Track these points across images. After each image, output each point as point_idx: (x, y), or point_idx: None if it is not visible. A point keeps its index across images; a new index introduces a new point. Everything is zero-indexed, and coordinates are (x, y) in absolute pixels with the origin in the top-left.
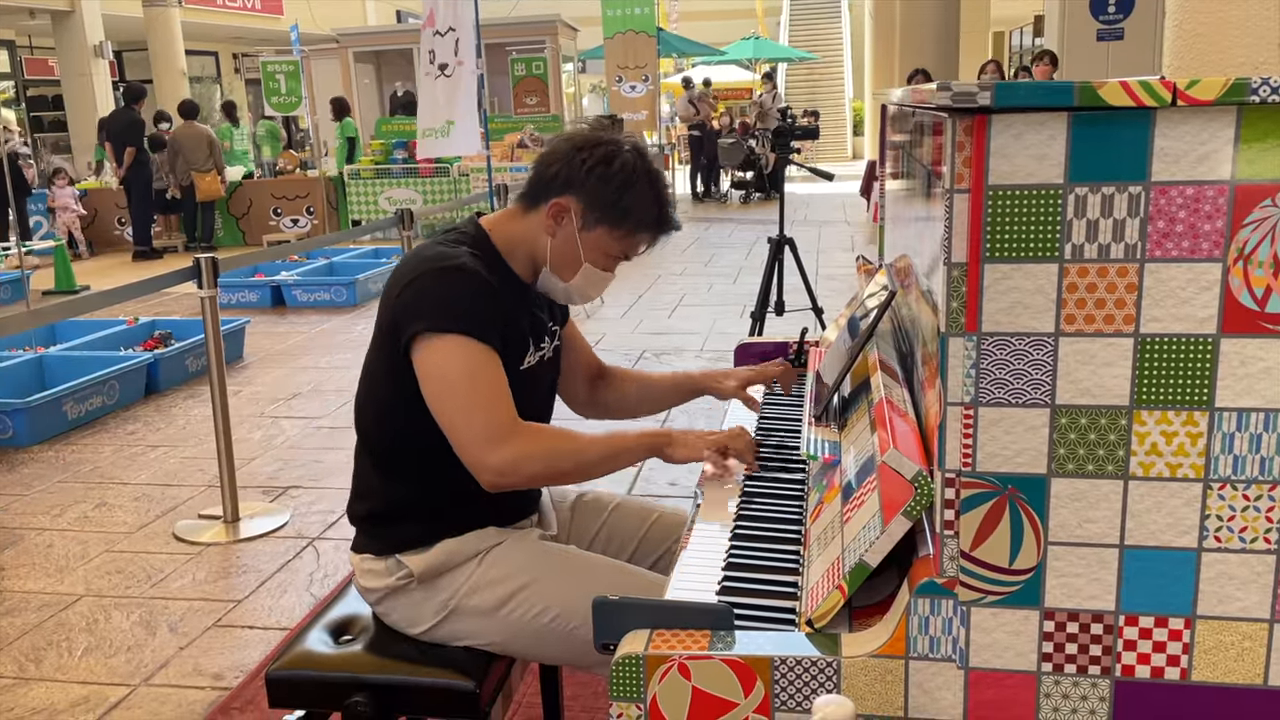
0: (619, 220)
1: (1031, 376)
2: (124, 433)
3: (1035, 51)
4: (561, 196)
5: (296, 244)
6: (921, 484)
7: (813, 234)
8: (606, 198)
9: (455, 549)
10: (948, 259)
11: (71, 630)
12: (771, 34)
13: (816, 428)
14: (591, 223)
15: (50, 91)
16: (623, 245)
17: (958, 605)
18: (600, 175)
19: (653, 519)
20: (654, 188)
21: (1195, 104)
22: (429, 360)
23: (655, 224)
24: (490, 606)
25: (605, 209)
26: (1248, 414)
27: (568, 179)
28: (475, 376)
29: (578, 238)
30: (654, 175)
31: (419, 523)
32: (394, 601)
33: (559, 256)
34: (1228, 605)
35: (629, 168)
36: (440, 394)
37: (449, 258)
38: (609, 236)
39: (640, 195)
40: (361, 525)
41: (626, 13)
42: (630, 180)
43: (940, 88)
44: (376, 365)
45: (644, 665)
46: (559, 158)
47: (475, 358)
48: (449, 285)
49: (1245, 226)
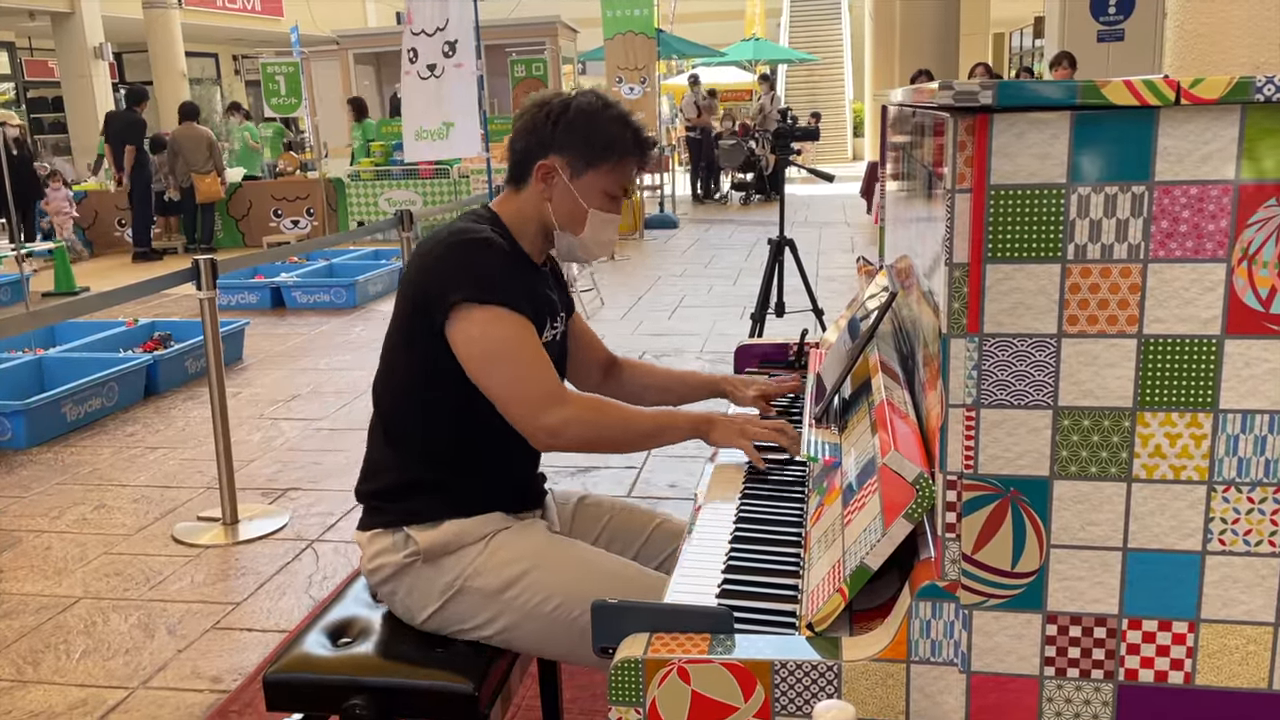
0: (601, 155)
1: (1034, 378)
2: (123, 434)
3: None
4: (543, 159)
5: (296, 245)
6: (923, 486)
7: (813, 235)
8: (580, 140)
9: (462, 530)
10: (949, 259)
11: (70, 633)
12: (772, 35)
13: (817, 429)
14: (580, 168)
15: (50, 93)
16: (616, 177)
17: (959, 609)
18: (566, 124)
19: (654, 525)
20: (618, 115)
21: (1199, 103)
22: (471, 332)
23: (634, 145)
24: (495, 589)
25: (584, 150)
26: (1252, 416)
27: (540, 141)
28: (523, 343)
29: (572, 188)
30: (612, 104)
31: (429, 497)
32: (399, 581)
33: (563, 213)
34: (1232, 609)
35: (586, 106)
36: (487, 361)
37: (476, 232)
38: (599, 174)
39: (608, 124)
40: (371, 502)
41: (626, 14)
42: (593, 115)
43: (942, 86)
44: (399, 339)
45: (643, 669)
46: (523, 130)
47: (517, 326)
48: (481, 257)
49: (1250, 226)
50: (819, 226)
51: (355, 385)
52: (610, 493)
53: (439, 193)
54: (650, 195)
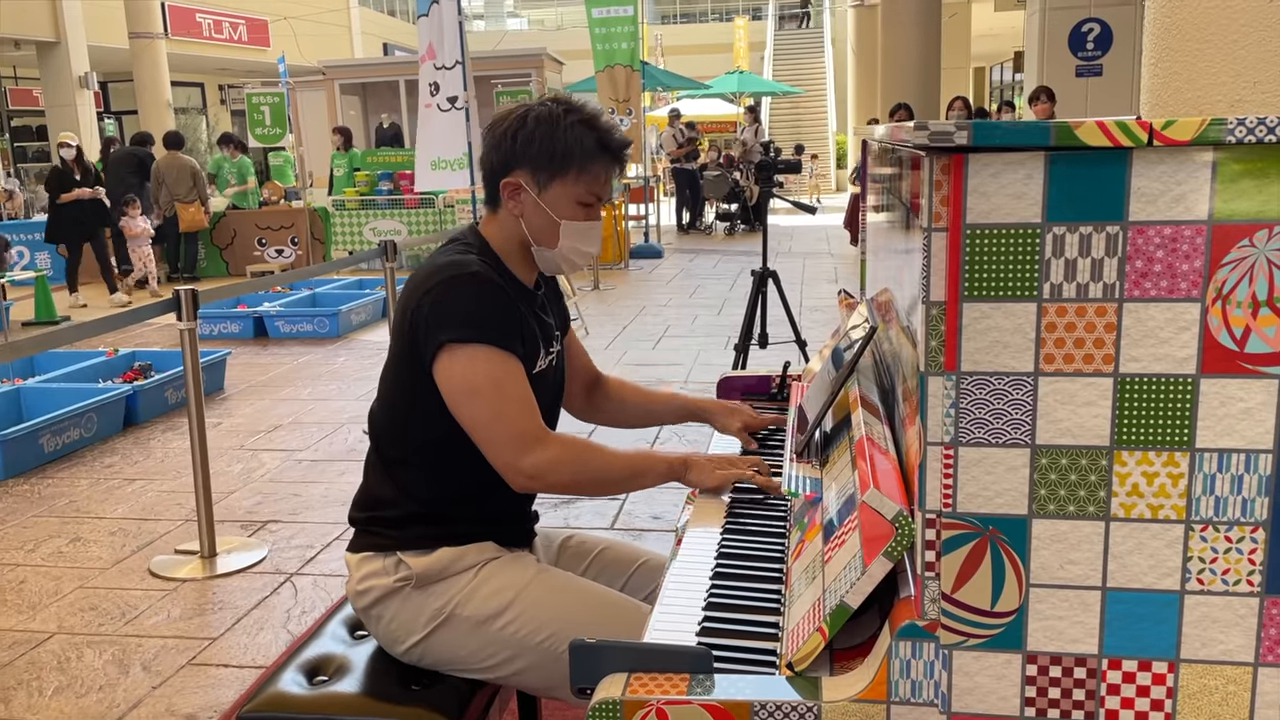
0: (564, 163)
1: (1011, 416)
2: (101, 465)
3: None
4: (507, 176)
5: (279, 275)
6: (902, 524)
7: (797, 266)
8: (540, 151)
9: (455, 557)
10: (926, 297)
11: (42, 669)
12: (756, 68)
13: (798, 464)
14: (545, 180)
15: (35, 121)
16: (584, 185)
17: (939, 648)
18: (523, 137)
19: (638, 563)
20: (580, 119)
21: (1171, 144)
22: (454, 370)
23: (599, 149)
24: (483, 618)
25: (545, 161)
26: (1228, 455)
27: (502, 159)
28: (502, 384)
29: (540, 202)
30: (574, 108)
31: (424, 529)
32: (386, 605)
33: (535, 228)
34: (1211, 649)
35: (544, 115)
36: (468, 402)
37: (463, 266)
38: (566, 184)
39: (567, 132)
40: (365, 527)
41: (614, 47)
42: (551, 124)
43: (918, 127)
44: (394, 373)
45: (621, 710)
46: (488, 149)
47: (501, 365)
48: (468, 295)
49: (1223, 266)
50: (802, 257)
51: (337, 416)
52: (593, 524)
53: (424, 222)
54: (635, 225)
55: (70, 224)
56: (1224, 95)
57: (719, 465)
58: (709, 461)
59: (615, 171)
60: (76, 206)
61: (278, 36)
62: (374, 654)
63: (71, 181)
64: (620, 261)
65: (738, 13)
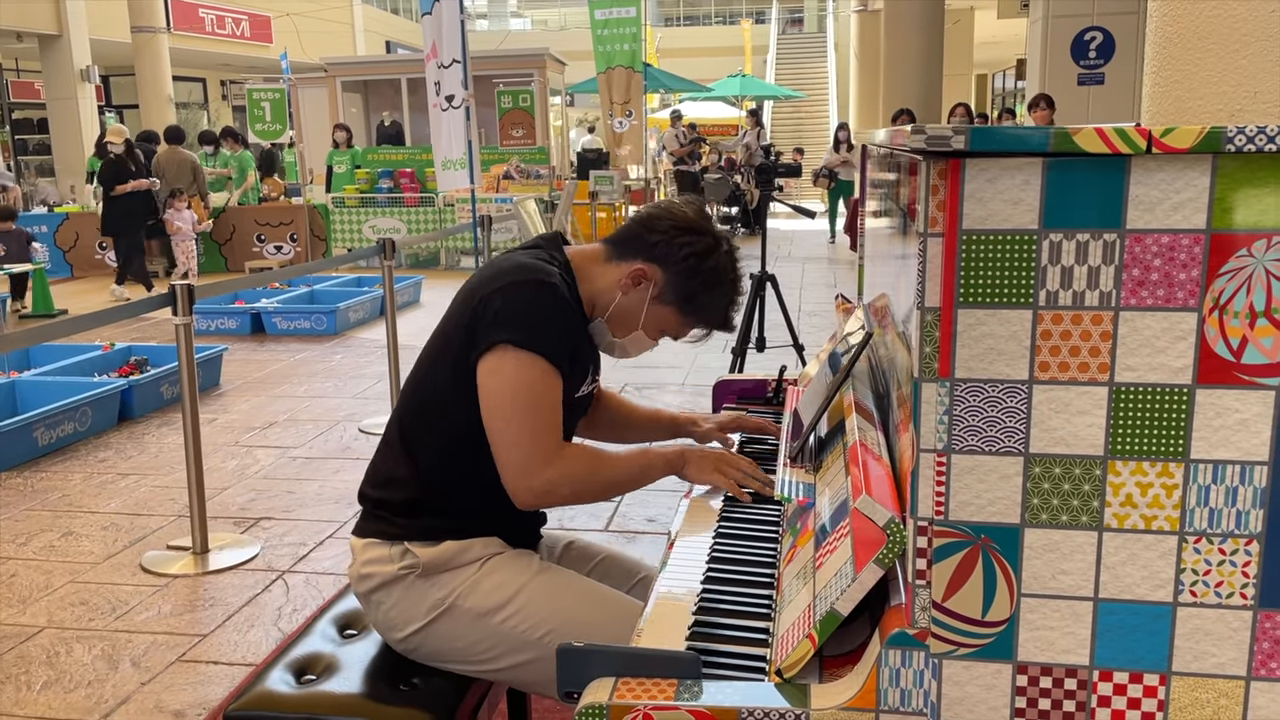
0: (691, 311)
1: (1005, 424)
2: (95, 460)
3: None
4: (649, 264)
5: (276, 272)
6: (894, 531)
7: (796, 270)
8: (690, 287)
9: (460, 549)
10: (921, 303)
11: (31, 663)
12: (758, 71)
13: (792, 469)
14: (666, 300)
15: (36, 114)
16: (680, 328)
17: (929, 657)
18: (693, 266)
19: (637, 578)
20: (733, 294)
21: (1170, 152)
22: (502, 371)
23: (719, 324)
24: (485, 610)
25: (684, 297)
26: (1223, 466)
27: (664, 254)
28: (540, 399)
29: (646, 306)
30: (738, 280)
31: (435, 517)
32: (388, 592)
33: (621, 314)
34: (1203, 662)
35: (719, 270)
36: (502, 407)
37: (545, 274)
38: (674, 317)
39: (718, 297)
40: (374, 510)
41: (615, 49)
42: (716, 281)
43: (915, 131)
44: (438, 354)
45: (608, 715)
46: (663, 230)
47: (544, 380)
48: (541, 303)
49: (1221, 276)
50: (802, 261)
51: (332, 413)
52: (588, 526)
53: (424, 221)
54: None
55: (123, 216)
56: (1224, 104)
57: (717, 464)
58: (705, 457)
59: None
60: (129, 199)
61: (280, 33)
62: (363, 653)
63: (127, 174)
64: None
65: (741, 16)
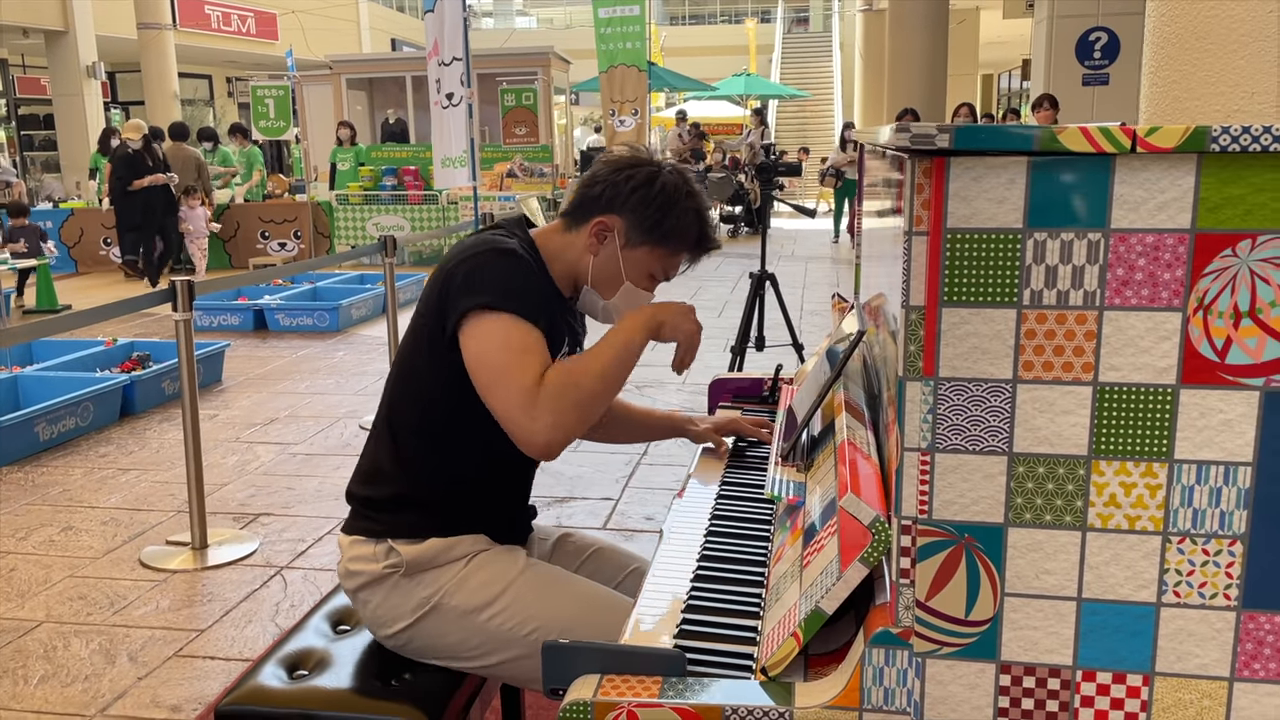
0: (662, 240)
1: (989, 423)
2: (96, 455)
3: (1022, 94)
4: (605, 215)
5: (279, 268)
6: (879, 530)
7: (799, 269)
8: (650, 218)
9: (446, 547)
10: (906, 302)
11: (29, 657)
12: (764, 71)
13: (783, 467)
14: (635, 242)
15: (42, 110)
16: (664, 264)
17: (913, 656)
18: (643, 196)
19: (629, 570)
20: (696, 208)
21: (1155, 151)
22: (478, 334)
23: (696, 244)
24: (471, 608)
25: (648, 229)
26: (1207, 467)
27: (611, 199)
28: (527, 348)
29: (620, 256)
30: (696, 194)
31: (420, 514)
32: (375, 590)
33: (601, 274)
34: (1186, 662)
35: (671, 189)
36: (488, 364)
37: (504, 244)
38: (651, 255)
39: (682, 216)
40: (360, 507)
41: (619, 47)
42: (673, 201)
43: (899, 129)
44: (416, 342)
45: (592, 712)
46: (602, 178)
47: (525, 332)
48: (502, 267)
49: (1205, 276)
50: (805, 261)
51: (334, 410)
52: (586, 524)
53: (427, 219)
54: None
55: (140, 212)
56: (1221, 105)
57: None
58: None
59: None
60: (146, 194)
61: (286, 30)
62: (355, 649)
63: (144, 169)
64: None
65: (746, 15)
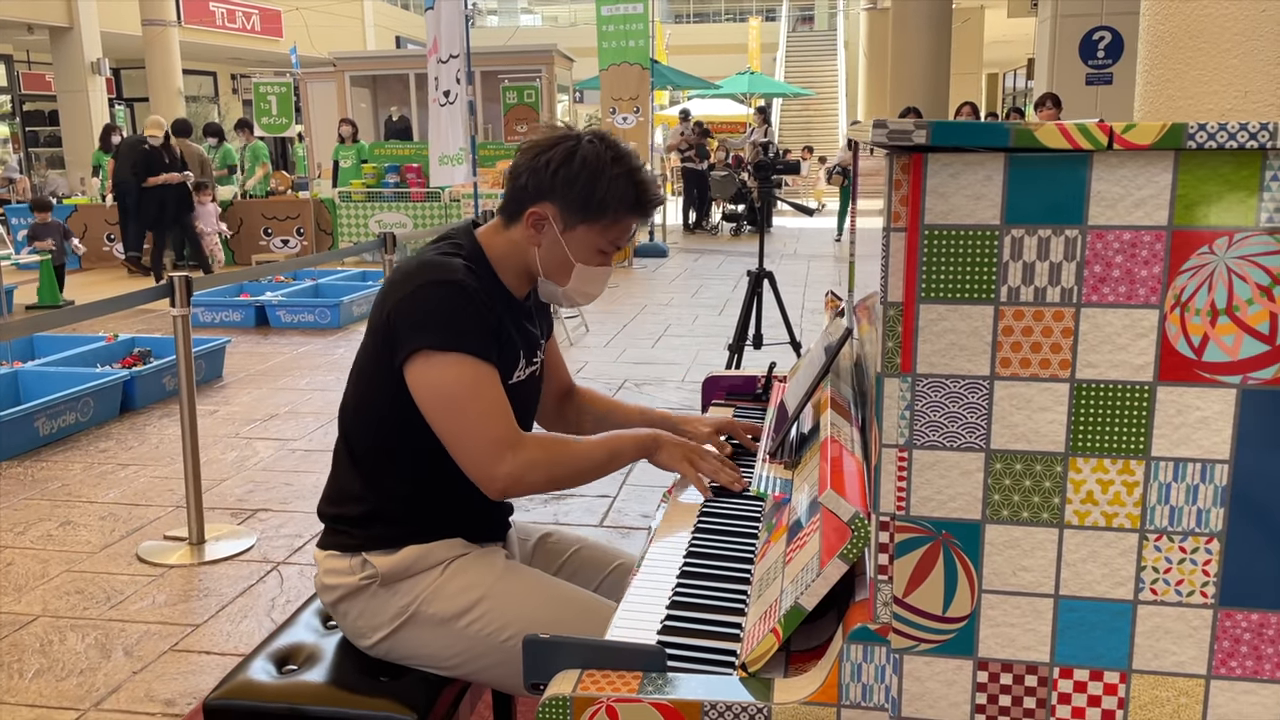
0: (597, 213)
1: (966, 420)
2: (95, 450)
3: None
4: (536, 205)
5: (280, 264)
6: (859, 526)
7: (801, 268)
8: (578, 195)
9: (421, 554)
10: (884, 298)
11: (25, 651)
12: (768, 69)
13: (770, 464)
14: (572, 223)
15: (47, 106)
16: (609, 236)
17: (890, 653)
18: (566, 175)
19: (613, 566)
20: (625, 170)
21: (1132, 148)
22: (429, 377)
23: (635, 206)
24: (448, 616)
25: (580, 206)
26: (1184, 464)
27: (537, 186)
28: (480, 394)
29: (562, 240)
30: (622, 156)
31: (390, 526)
32: (353, 602)
33: (549, 263)
34: (1163, 660)
35: (592, 158)
36: (444, 411)
37: (447, 270)
38: (591, 231)
39: (611, 182)
40: (332, 523)
41: (622, 45)
42: (597, 170)
43: (877, 125)
44: (368, 367)
45: (571, 707)
46: (524, 168)
47: (478, 374)
48: (448, 302)
49: (1182, 273)
50: (807, 259)
51: (333, 406)
52: (582, 521)
53: (430, 216)
54: None
55: (159, 208)
56: (1215, 104)
57: (687, 453)
58: (677, 445)
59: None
60: (161, 191)
61: (291, 27)
62: (344, 645)
63: (161, 165)
64: (624, 259)
65: (751, 13)
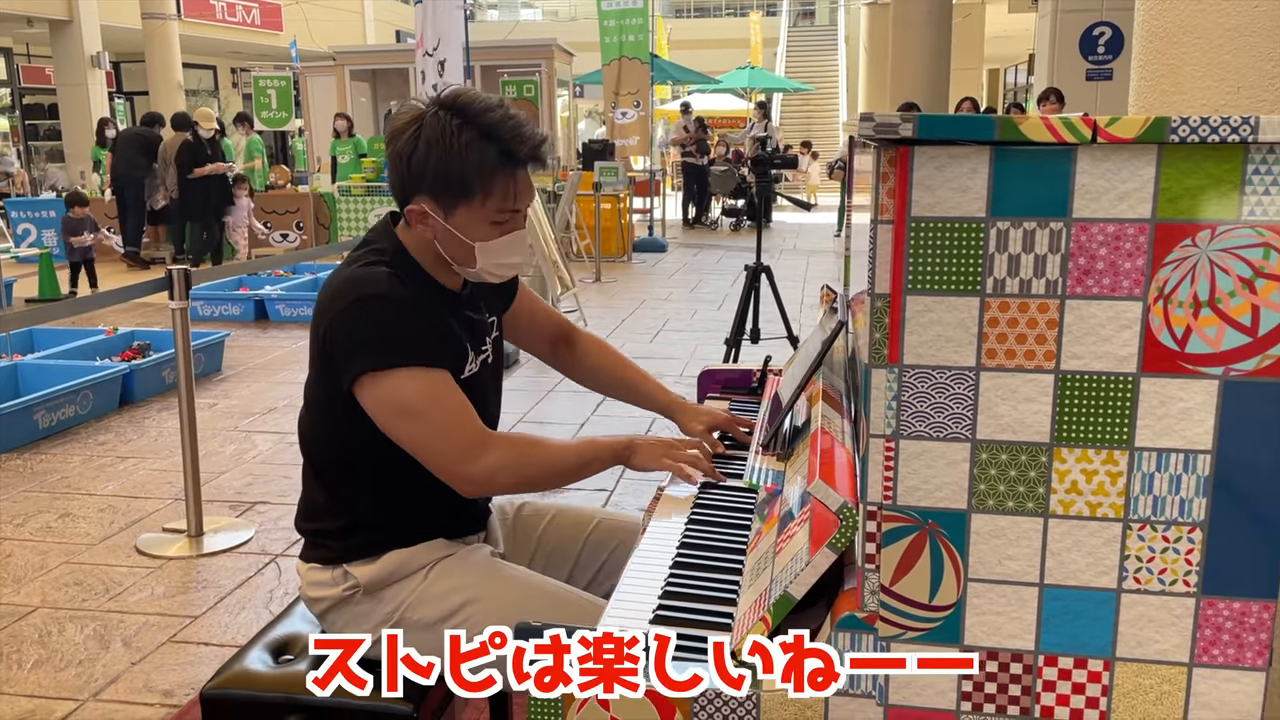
0: (465, 190)
1: (952, 410)
2: (95, 443)
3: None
4: (411, 202)
5: (279, 258)
6: (847, 516)
7: (800, 262)
8: (438, 178)
9: (403, 560)
10: (871, 290)
11: (24, 642)
12: (768, 64)
13: (763, 456)
14: (449, 206)
15: (46, 100)
16: (493, 205)
17: (878, 640)
18: (417, 162)
19: (592, 525)
20: (476, 131)
21: (1116, 142)
22: (381, 396)
23: (504, 161)
24: (434, 620)
25: (444, 188)
26: (1167, 454)
27: (404, 182)
28: (437, 401)
29: (450, 228)
30: (470, 117)
31: (369, 534)
32: (339, 613)
33: (452, 251)
34: (1146, 648)
35: (436, 136)
36: (405, 425)
37: (372, 284)
38: (471, 207)
39: (465, 152)
40: (311, 537)
41: (622, 39)
42: (444, 144)
43: (864, 118)
44: (318, 392)
45: (562, 697)
46: (394, 170)
47: (431, 381)
48: (380, 318)
49: (1165, 265)
50: (806, 254)
51: None
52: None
53: None
54: (640, 219)
55: (203, 199)
56: (1208, 99)
57: (664, 449)
58: (653, 445)
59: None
60: (204, 183)
61: (290, 21)
62: None
63: (204, 157)
64: (623, 254)
65: (752, 8)
